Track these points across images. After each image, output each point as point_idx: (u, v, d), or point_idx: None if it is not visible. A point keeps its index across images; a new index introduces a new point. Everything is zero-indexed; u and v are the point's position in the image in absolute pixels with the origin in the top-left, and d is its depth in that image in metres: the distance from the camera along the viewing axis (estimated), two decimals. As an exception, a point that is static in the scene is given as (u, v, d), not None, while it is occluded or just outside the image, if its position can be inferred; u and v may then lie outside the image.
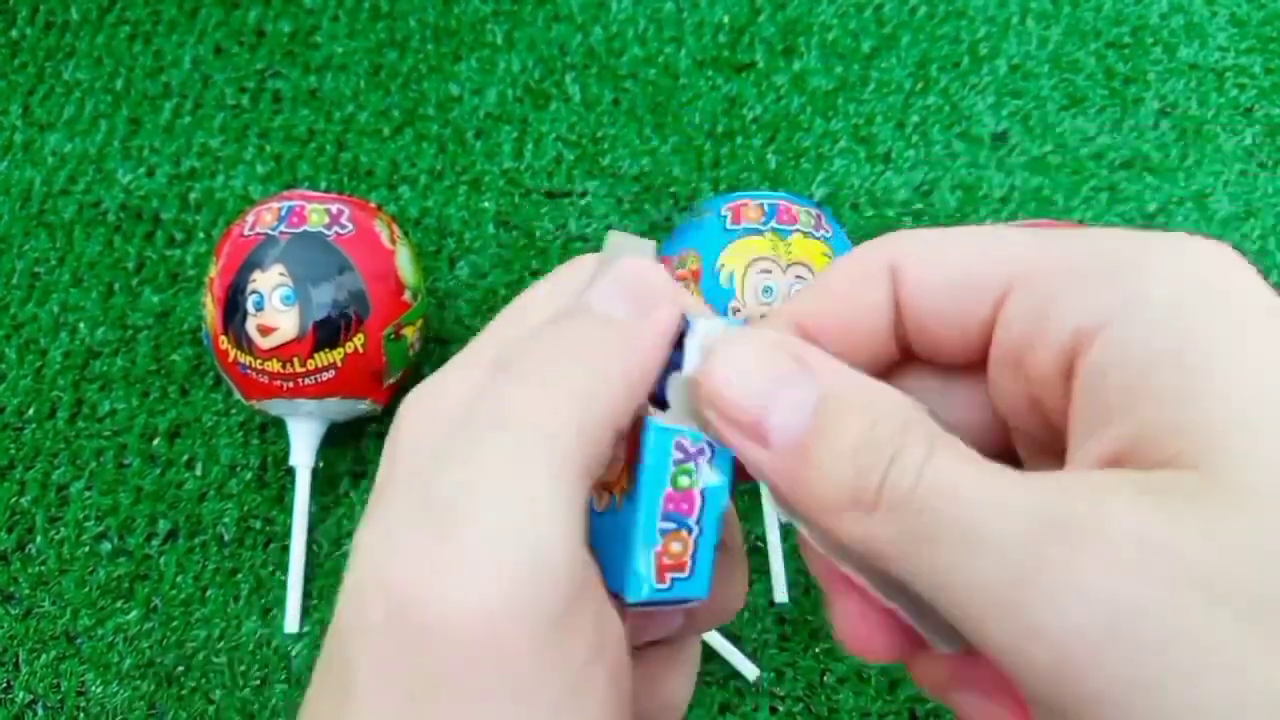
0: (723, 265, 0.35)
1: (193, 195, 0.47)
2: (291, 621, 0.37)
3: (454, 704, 0.14)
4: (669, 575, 0.17)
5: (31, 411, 0.42)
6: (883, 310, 0.17)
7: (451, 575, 0.14)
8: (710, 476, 0.17)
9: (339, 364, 0.36)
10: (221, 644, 0.37)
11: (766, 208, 0.36)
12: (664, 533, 0.17)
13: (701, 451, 0.17)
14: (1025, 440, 0.17)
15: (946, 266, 0.16)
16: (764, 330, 0.17)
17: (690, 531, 0.17)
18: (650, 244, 0.19)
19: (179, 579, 0.39)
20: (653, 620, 0.19)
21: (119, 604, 0.38)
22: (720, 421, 0.16)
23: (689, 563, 0.17)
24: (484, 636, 0.14)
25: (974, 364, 0.17)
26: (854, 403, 0.16)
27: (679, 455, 0.17)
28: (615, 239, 0.19)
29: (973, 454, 0.15)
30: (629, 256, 0.18)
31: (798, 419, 0.16)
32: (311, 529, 0.39)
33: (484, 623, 0.14)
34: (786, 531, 0.37)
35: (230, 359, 0.36)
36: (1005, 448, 0.18)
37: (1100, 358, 0.14)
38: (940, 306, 0.16)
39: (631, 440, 0.18)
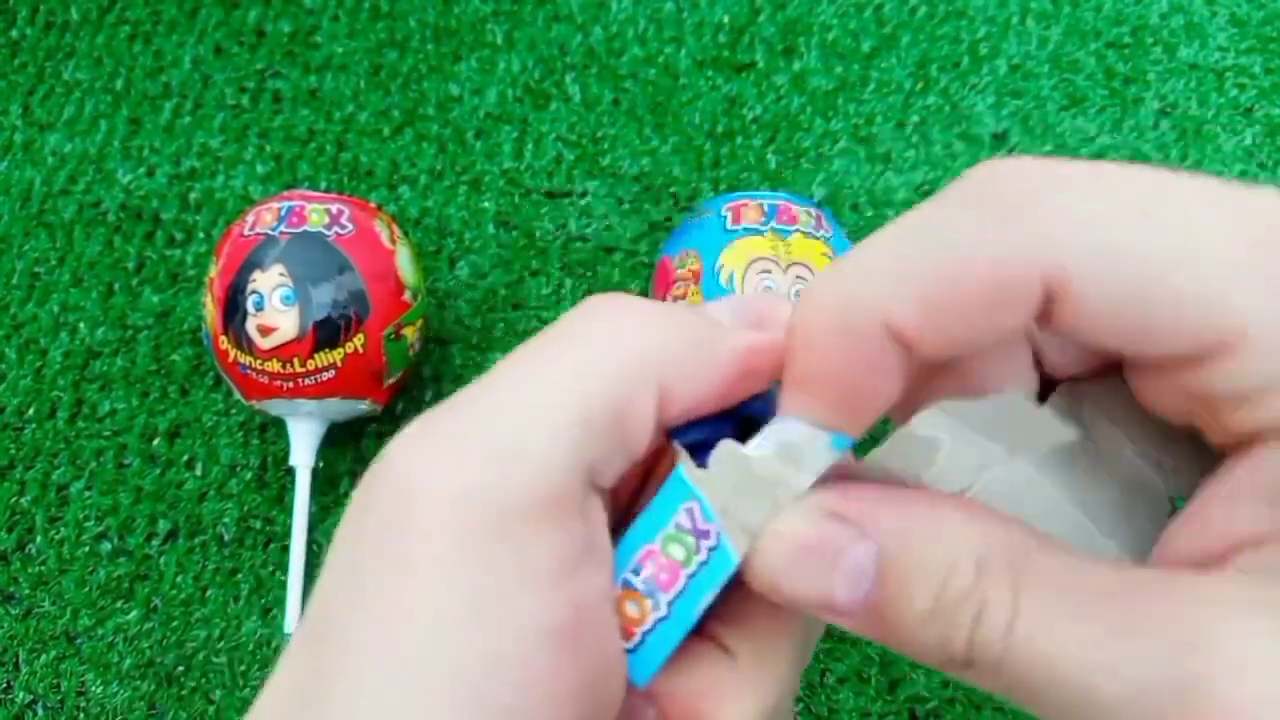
0: (723, 265, 0.35)
1: (193, 195, 0.47)
2: (291, 621, 0.37)
3: (382, 572, 0.14)
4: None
5: (31, 411, 0.42)
6: (1020, 330, 0.14)
7: (426, 454, 0.15)
8: (703, 565, 0.15)
9: (339, 364, 0.36)
10: (221, 644, 0.37)
11: (766, 208, 0.36)
12: (626, 584, 0.15)
13: (706, 534, 0.15)
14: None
15: (1142, 293, 0.13)
16: (806, 503, 0.15)
17: (653, 605, 0.15)
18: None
19: (179, 579, 0.39)
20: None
21: (119, 604, 0.38)
22: (786, 603, 0.15)
23: (637, 634, 0.15)
24: (423, 508, 0.14)
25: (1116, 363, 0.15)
26: (917, 561, 0.14)
27: (683, 520, 0.15)
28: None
29: (1063, 586, 0.13)
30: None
31: (863, 587, 0.14)
32: (311, 529, 0.39)
33: (433, 497, 0.14)
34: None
35: (230, 359, 0.36)
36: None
37: None
38: (1121, 331, 0.13)
39: (658, 481, 0.16)
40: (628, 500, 0.19)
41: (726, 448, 0.15)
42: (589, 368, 0.15)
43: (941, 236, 0.14)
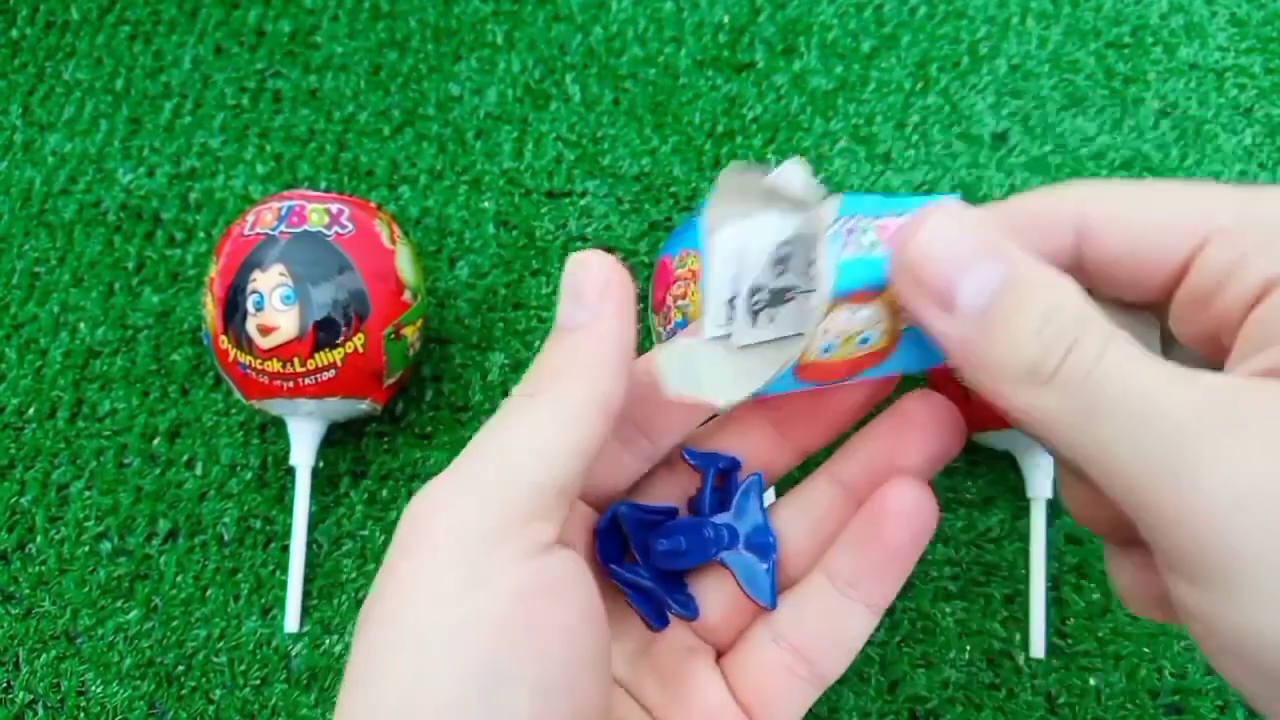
0: (723, 265, 0.35)
1: (193, 195, 0.47)
2: (291, 621, 0.37)
3: (394, 580, 0.20)
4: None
5: (31, 411, 0.42)
6: (1063, 257, 0.19)
7: (439, 495, 0.21)
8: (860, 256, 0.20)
9: (339, 364, 0.36)
10: (222, 644, 0.37)
11: (766, 208, 0.36)
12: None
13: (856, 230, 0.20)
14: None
15: (1142, 219, 0.18)
16: (967, 209, 0.19)
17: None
18: (767, 176, 0.21)
19: (179, 579, 0.39)
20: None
21: (119, 604, 0.38)
22: (911, 286, 0.18)
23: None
24: (423, 528, 0.20)
25: (1146, 298, 0.19)
26: (1043, 288, 0.17)
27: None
28: (725, 182, 0.22)
29: (1146, 351, 0.17)
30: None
31: (987, 291, 0.17)
32: (311, 529, 0.39)
33: (435, 524, 0.20)
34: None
35: (230, 359, 0.36)
36: None
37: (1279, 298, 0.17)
38: (1133, 253, 0.18)
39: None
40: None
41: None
42: (547, 428, 0.21)
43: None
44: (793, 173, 0.20)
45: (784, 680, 0.23)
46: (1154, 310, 0.20)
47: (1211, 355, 0.18)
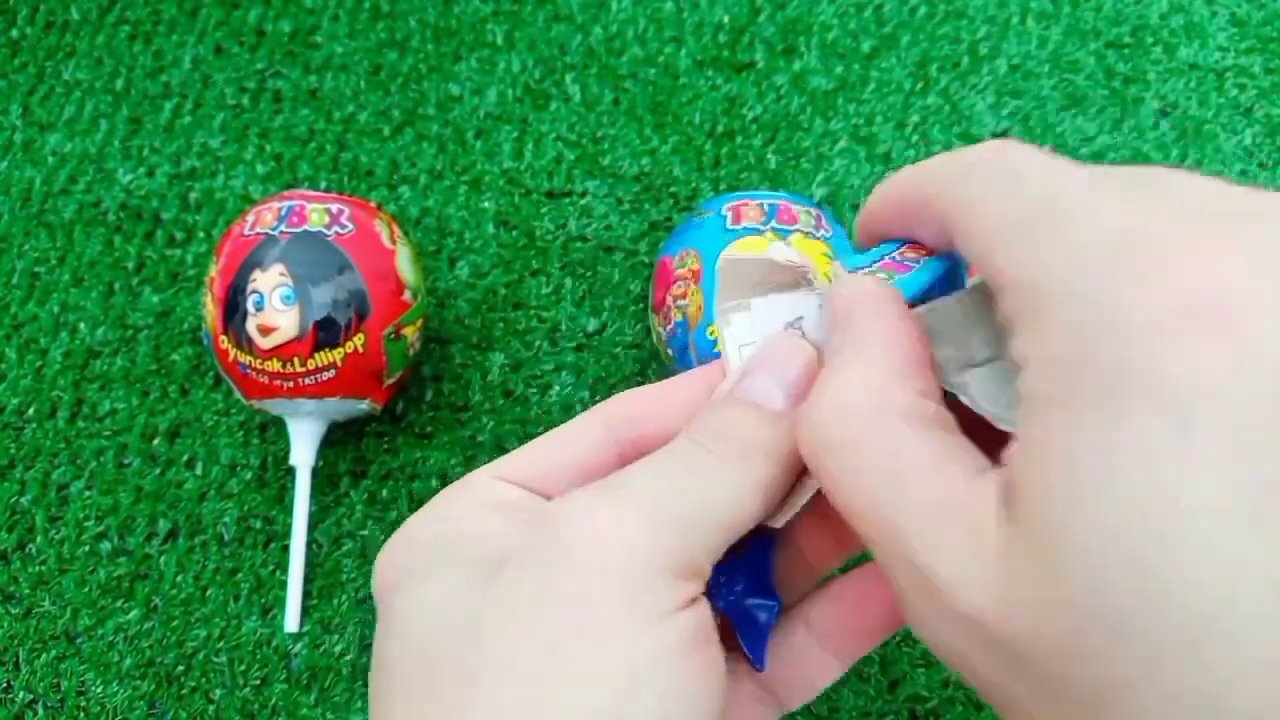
0: (723, 265, 0.35)
1: (193, 195, 0.47)
2: (291, 621, 0.37)
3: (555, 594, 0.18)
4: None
5: (31, 411, 0.42)
6: (943, 243, 0.20)
7: (601, 516, 0.19)
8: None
9: (339, 364, 0.36)
10: (222, 643, 0.37)
11: (767, 208, 0.36)
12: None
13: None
14: None
15: (971, 245, 0.18)
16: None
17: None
18: (762, 259, 0.21)
19: (179, 578, 0.39)
20: None
21: (119, 603, 0.38)
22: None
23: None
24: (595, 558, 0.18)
25: None
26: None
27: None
28: (726, 266, 0.22)
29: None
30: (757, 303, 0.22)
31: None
32: (311, 529, 0.39)
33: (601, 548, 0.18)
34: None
35: (230, 359, 0.36)
36: None
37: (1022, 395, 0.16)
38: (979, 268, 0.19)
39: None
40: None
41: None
42: (730, 499, 0.20)
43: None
44: (782, 252, 0.21)
45: (749, 708, 0.23)
46: None
47: None
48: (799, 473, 0.20)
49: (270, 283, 0.35)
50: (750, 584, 0.23)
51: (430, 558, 0.20)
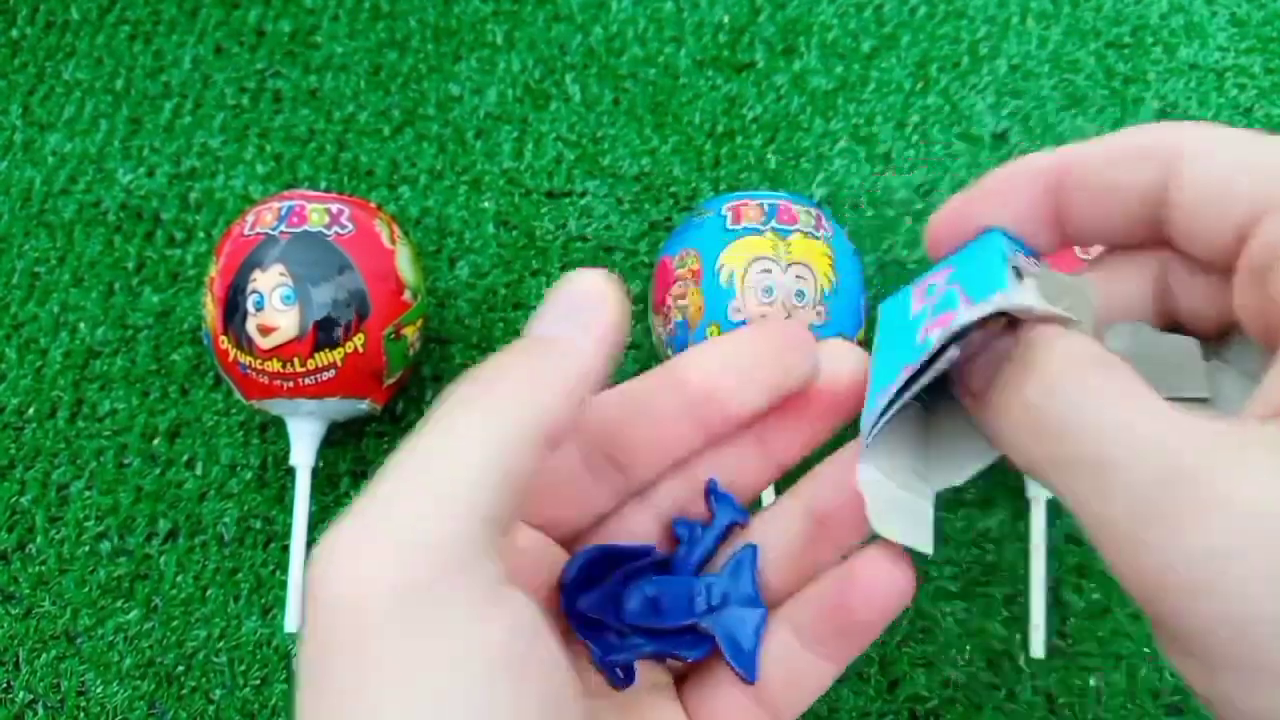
0: (723, 265, 0.35)
1: (193, 195, 0.47)
2: (291, 621, 0.37)
3: (321, 671, 0.16)
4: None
5: (31, 411, 0.42)
6: (1144, 193, 0.18)
7: (338, 554, 0.16)
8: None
9: (339, 364, 0.36)
10: (222, 643, 0.37)
11: (767, 208, 0.36)
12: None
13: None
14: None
15: (1217, 170, 0.17)
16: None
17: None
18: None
19: (179, 578, 0.39)
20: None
21: (119, 603, 0.38)
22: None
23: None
24: (338, 606, 0.16)
25: (1225, 265, 0.18)
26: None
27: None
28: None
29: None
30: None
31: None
32: (311, 529, 0.39)
33: (344, 593, 0.16)
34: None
35: (230, 359, 0.36)
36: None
37: None
38: (1204, 207, 0.17)
39: None
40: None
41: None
42: (472, 449, 0.17)
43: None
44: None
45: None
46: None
47: (1271, 346, 0.17)
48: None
49: (270, 283, 0.35)
50: (732, 594, 0.22)
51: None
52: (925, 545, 0.20)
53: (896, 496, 0.20)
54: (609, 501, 0.23)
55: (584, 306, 0.19)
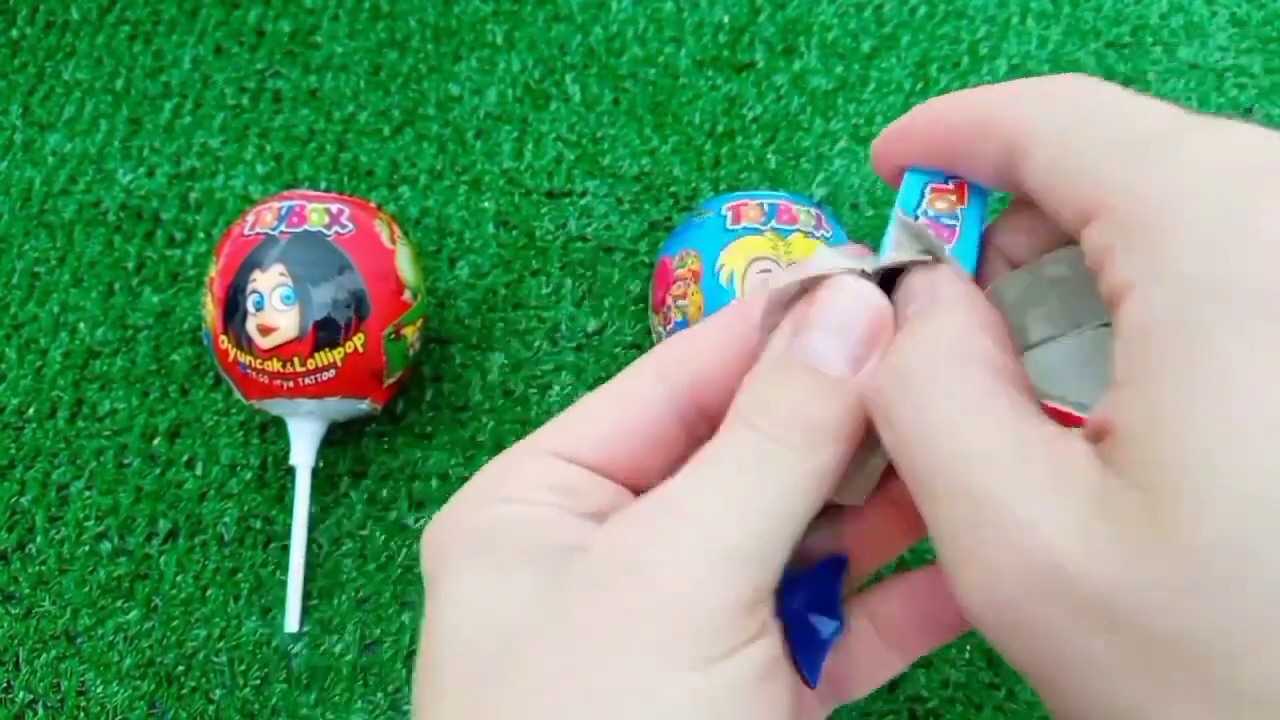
0: (723, 265, 0.35)
1: (193, 195, 0.47)
2: (291, 621, 0.37)
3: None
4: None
5: (31, 411, 0.42)
6: (996, 164, 0.18)
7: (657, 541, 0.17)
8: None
9: (339, 364, 0.36)
10: (222, 643, 0.37)
11: (767, 208, 0.36)
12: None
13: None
14: None
15: (1052, 162, 0.17)
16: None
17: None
18: (794, 281, 0.20)
19: (179, 578, 0.39)
20: None
21: (119, 603, 0.38)
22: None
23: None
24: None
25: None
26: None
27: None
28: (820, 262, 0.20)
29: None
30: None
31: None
32: (311, 529, 0.39)
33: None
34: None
35: (230, 359, 0.36)
36: None
37: (1123, 323, 0.15)
38: (1043, 196, 0.17)
39: None
40: None
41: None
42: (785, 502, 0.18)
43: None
44: (822, 263, 0.20)
45: (810, 701, 0.22)
46: None
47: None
48: (860, 447, 0.19)
49: (270, 283, 0.35)
50: (813, 600, 0.21)
51: (477, 544, 0.18)
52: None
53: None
54: (687, 453, 0.21)
55: (869, 339, 0.18)
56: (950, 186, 0.20)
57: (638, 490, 0.20)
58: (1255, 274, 0.12)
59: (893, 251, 0.19)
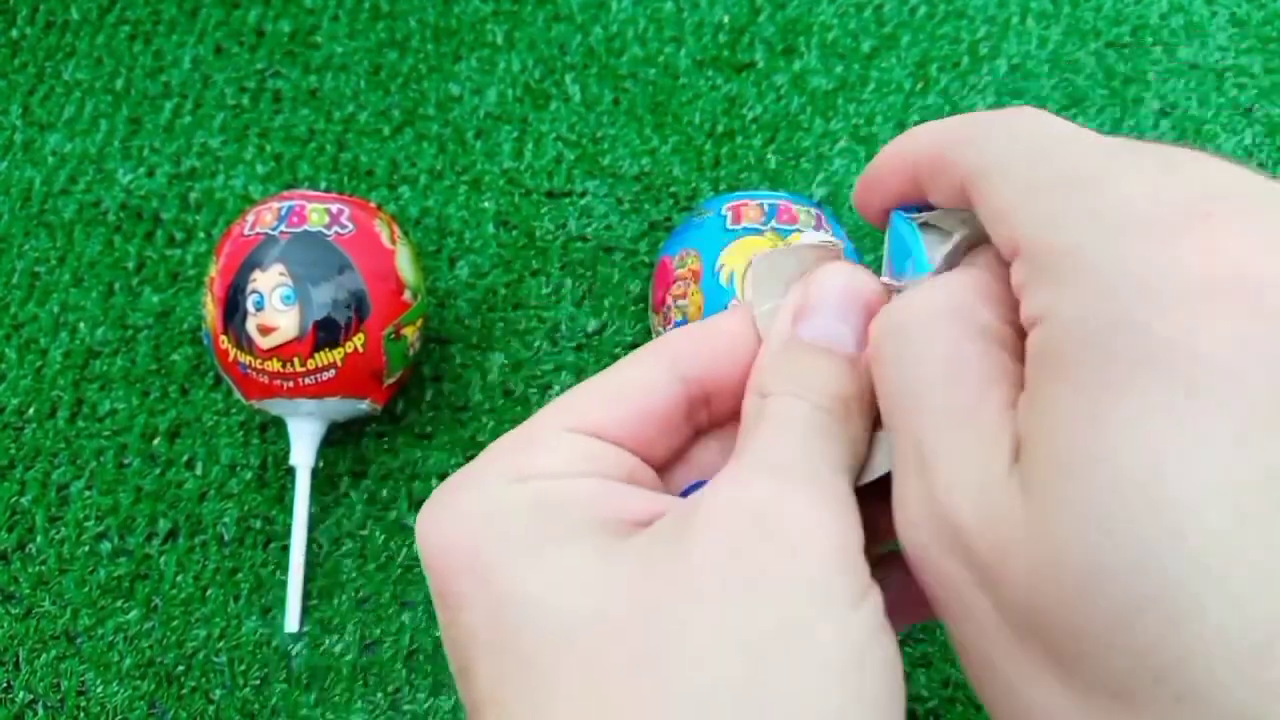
0: (723, 265, 0.35)
1: (193, 195, 0.47)
2: (291, 621, 0.37)
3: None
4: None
5: (31, 411, 0.42)
6: (958, 197, 0.19)
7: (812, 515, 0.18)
8: None
9: (339, 364, 0.36)
10: (222, 643, 0.37)
11: (767, 208, 0.36)
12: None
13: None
14: None
15: (994, 204, 0.17)
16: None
17: None
18: (796, 248, 0.21)
19: (179, 578, 0.39)
20: None
21: (119, 603, 0.38)
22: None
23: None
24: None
25: None
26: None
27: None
28: (760, 265, 0.21)
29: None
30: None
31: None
32: (311, 529, 0.39)
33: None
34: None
35: (230, 359, 0.36)
36: None
37: (1030, 348, 0.16)
38: (992, 232, 0.18)
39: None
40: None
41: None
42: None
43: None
44: (813, 236, 0.21)
45: None
46: None
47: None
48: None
49: (270, 283, 0.35)
50: None
51: (540, 524, 0.18)
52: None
53: None
54: (689, 439, 0.22)
55: (860, 309, 0.20)
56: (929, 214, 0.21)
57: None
58: (1140, 322, 0.13)
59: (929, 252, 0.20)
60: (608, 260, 0.44)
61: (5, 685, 0.37)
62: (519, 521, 0.18)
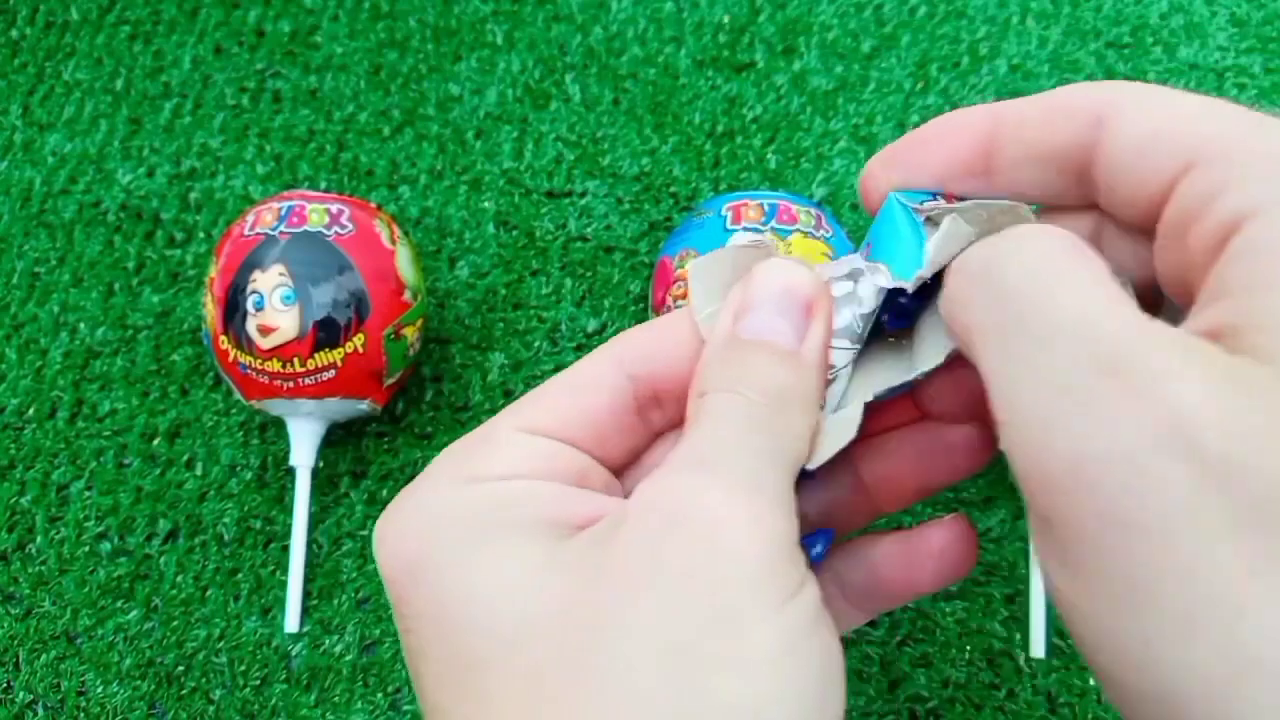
0: (723, 265, 0.35)
1: (193, 195, 0.47)
2: (291, 621, 0.37)
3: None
4: None
5: (31, 411, 0.42)
6: (1075, 148, 0.18)
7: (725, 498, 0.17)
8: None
9: (339, 364, 0.36)
10: (222, 644, 0.37)
11: (767, 208, 0.36)
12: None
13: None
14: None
15: (1146, 124, 0.17)
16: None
17: None
18: (728, 250, 0.21)
19: (179, 579, 0.39)
20: None
21: (119, 604, 0.38)
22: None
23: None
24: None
25: (1148, 227, 0.18)
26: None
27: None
28: (696, 271, 0.21)
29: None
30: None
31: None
32: (311, 529, 0.39)
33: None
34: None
35: (230, 359, 0.36)
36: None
37: (1242, 243, 0.15)
38: (1130, 162, 0.17)
39: None
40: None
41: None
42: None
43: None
44: (741, 238, 0.21)
45: None
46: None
47: (1186, 307, 0.17)
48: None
49: (270, 283, 0.35)
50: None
51: (485, 525, 0.18)
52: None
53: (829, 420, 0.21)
54: (646, 440, 0.22)
55: (798, 303, 0.20)
56: (937, 203, 0.20)
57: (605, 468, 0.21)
58: None
59: (941, 243, 0.19)
60: (608, 260, 0.44)
61: (5, 685, 0.37)
62: (466, 524, 0.18)
